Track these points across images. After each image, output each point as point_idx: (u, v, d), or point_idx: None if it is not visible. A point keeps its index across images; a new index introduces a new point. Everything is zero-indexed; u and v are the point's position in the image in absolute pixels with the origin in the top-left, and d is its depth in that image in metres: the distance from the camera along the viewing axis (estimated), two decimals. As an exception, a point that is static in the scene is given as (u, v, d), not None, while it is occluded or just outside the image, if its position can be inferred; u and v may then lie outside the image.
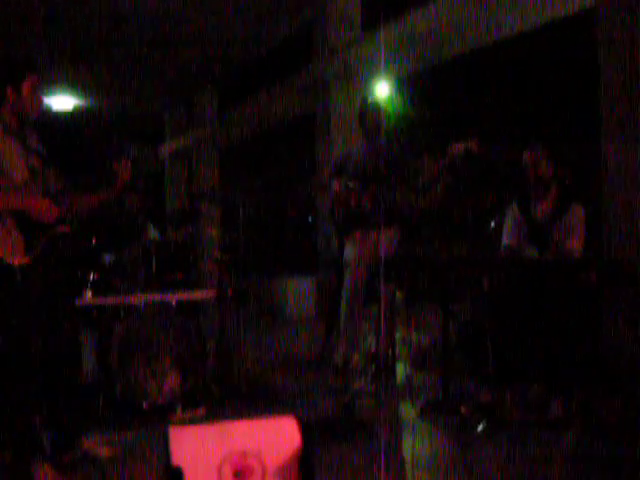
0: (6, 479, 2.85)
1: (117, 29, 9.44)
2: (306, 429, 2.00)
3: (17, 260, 2.77)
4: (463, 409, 3.58)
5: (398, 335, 5.04)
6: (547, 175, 4.12)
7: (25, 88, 2.89)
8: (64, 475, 2.88)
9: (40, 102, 2.97)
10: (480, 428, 3.35)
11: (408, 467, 3.05)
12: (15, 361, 2.84)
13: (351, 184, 4.75)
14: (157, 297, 4.02)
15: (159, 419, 3.63)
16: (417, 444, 3.38)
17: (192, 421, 3.63)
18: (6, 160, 2.80)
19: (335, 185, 4.89)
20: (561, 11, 6.51)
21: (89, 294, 3.92)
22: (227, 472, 1.89)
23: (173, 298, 4.04)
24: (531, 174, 4.14)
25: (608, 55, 4.73)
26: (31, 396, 2.87)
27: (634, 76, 4.57)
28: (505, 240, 4.25)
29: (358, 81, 8.86)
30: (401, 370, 4.88)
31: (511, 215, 4.28)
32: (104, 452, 3.11)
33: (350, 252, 4.80)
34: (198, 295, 4.22)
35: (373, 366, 4.78)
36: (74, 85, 11.65)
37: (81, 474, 2.95)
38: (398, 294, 4.88)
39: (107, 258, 4.15)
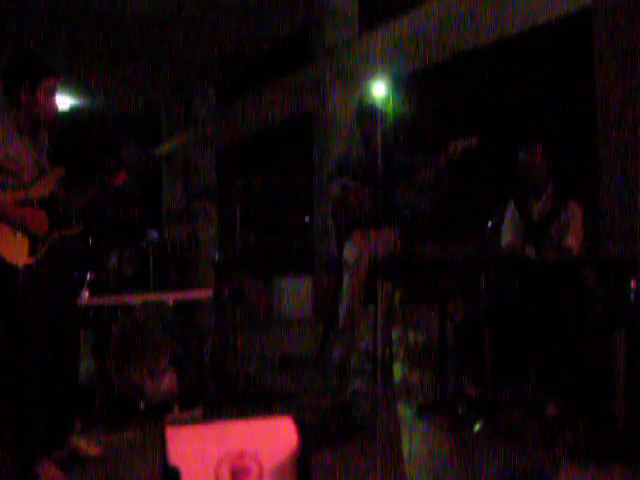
0: (10, 478, 2.85)
1: (114, 28, 9.43)
2: (303, 429, 2.00)
3: (21, 261, 2.79)
4: (460, 409, 3.58)
5: (395, 335, 5.03)
6: (543, 174, 4.13)
7: (40, 92, 2.89)
8: (68, 474, 2.88)
9: (53, 106, 2.95)
10: (477, 428, 3.35)
11: (405, 467, 3.05)
12: (16, 360, 2.84)
13: (351, 184, 4.75)
14: (154, 297, 4.02)
15: (156, 419, 3.62)
16: (414, 444, 3.38)
17: (189, 421, 3.62)
18: (17, 161, 2.84)
19: (335, 185, 4.89)
20: (558, 11, 6.53)
21: (86, 294, 3.91)
22: (224, 472, 1.89)
23: (170, 298, 4.03)
24: (527, 174, 4.15)
25: (604, 53, 4.74)
26: (32, 395, 2.87)
27: (630, 74, 4.58)
28: (504, 240, 4.26)
29: (355, 81, 8.86)
30: (398, 370, 4.88)
31: (509, 215, 4.29)
32: (92, 451, 3.11)
33: (350, 252, 4.79)
34: (195, 295, 4.22)
35: (370, 366, 4.78)
36: (70, 85, 11.62)
37: (76, 473, 2.95)
38: (396, 293, 4.88)
39: (113, 258, 4.15)
